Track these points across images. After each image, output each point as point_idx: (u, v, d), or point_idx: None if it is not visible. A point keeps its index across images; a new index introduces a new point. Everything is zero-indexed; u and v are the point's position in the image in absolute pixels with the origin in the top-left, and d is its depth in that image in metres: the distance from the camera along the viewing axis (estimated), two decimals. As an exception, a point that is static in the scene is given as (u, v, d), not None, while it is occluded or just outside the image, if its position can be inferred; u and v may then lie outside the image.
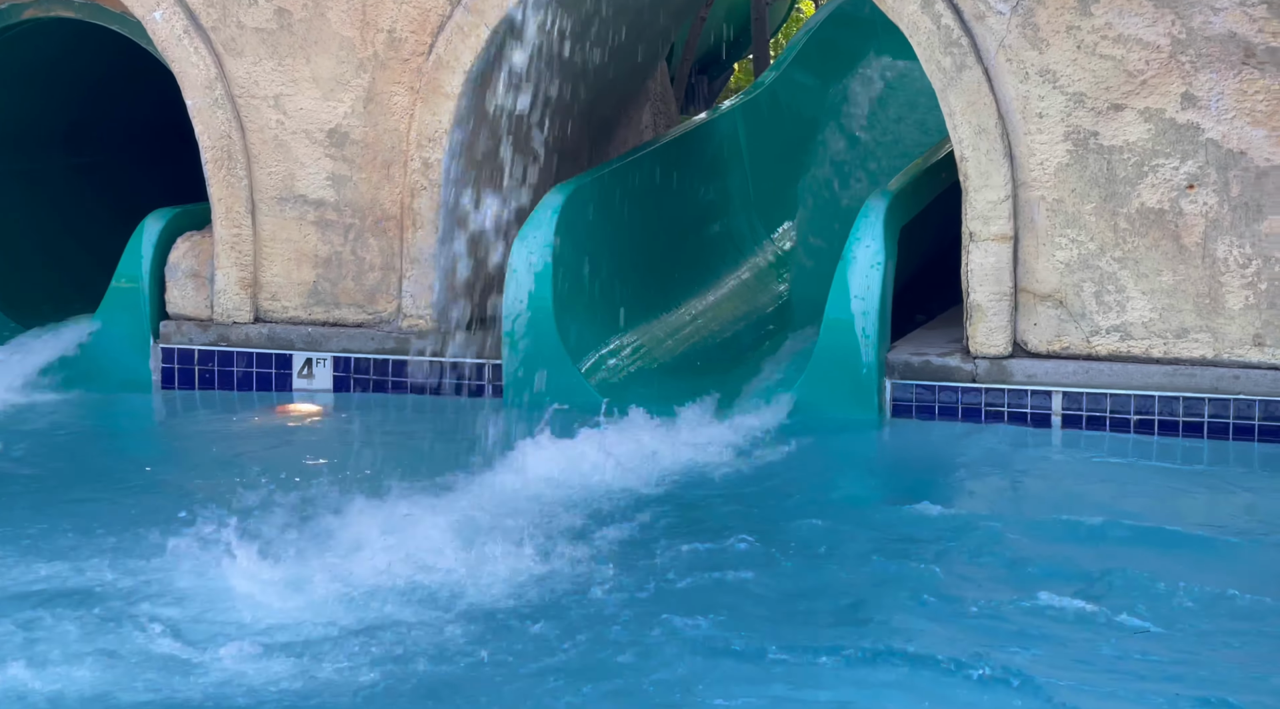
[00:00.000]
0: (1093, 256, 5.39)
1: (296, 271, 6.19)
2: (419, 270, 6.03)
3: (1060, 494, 4.86)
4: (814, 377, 5.54)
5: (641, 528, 4.43)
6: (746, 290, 6.99)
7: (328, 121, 6.10)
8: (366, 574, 4.03)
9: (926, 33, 5.45)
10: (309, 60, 6.09)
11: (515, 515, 4.46)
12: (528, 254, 5.80)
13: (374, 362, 6.06)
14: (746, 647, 3.65)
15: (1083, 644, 3.69)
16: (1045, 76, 5.35)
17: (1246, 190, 5.25)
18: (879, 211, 5.58)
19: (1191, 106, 5.25)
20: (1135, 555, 4.24)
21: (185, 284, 6.27)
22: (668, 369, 6.18)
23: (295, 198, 6.17)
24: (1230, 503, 4.78)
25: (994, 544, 4.35)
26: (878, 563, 4.21)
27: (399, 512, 4.41)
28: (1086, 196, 5.37)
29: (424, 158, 6.00)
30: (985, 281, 5.45)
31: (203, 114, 6.17)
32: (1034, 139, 5.39)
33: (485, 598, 3.92)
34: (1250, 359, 5.28)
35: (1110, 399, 5.37)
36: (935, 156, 6.29)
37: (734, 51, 11.93)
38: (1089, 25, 5.30)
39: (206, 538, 4.20)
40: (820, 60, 7.64)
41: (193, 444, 5.63)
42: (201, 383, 6.21)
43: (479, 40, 5.91)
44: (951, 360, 5.51)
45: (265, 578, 3.98)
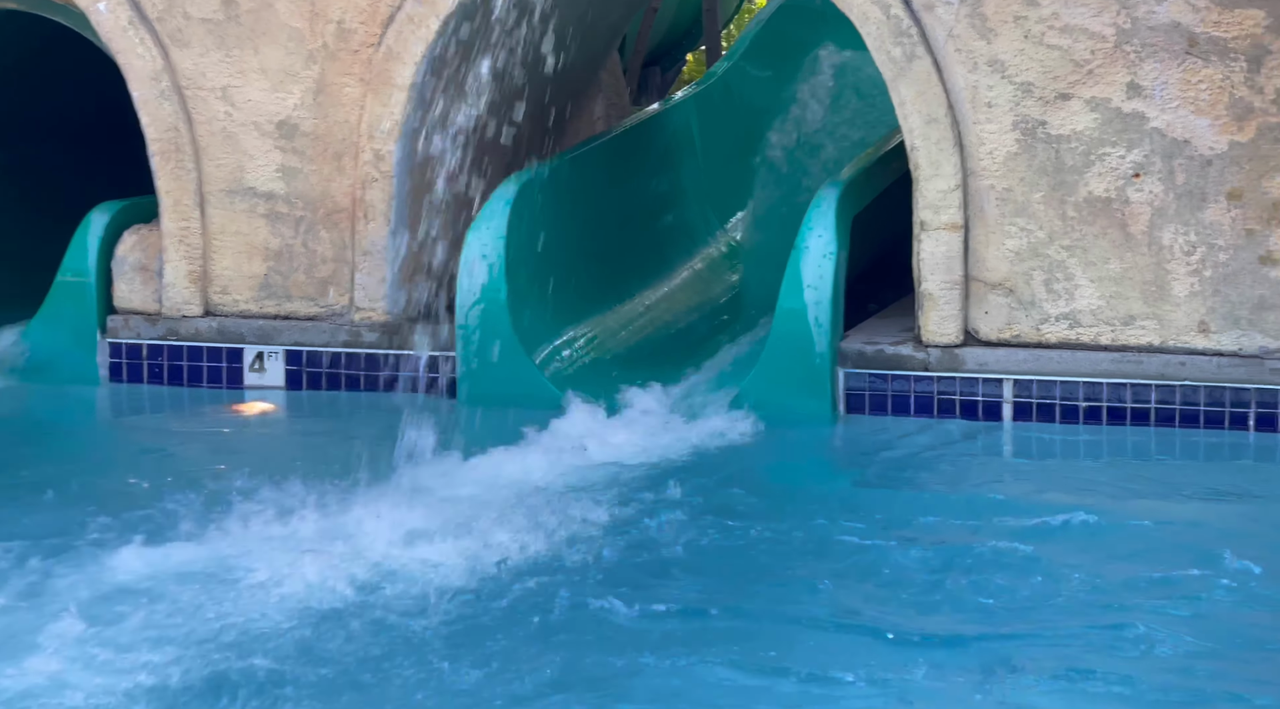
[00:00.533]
0: (1042, 245, 5.43)
1: (247, 264, 6.15)
2: (371, 262, 6.01)
3: (1008, 482, 4.90)
4: (767, 366, 5.56)
5: (586, 523, 4.41)
6: (700, 281, 7.00)
7: (277, 113, 6.07)
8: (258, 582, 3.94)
9: (876, 23, 5.47)
10: (257, 51, 6.05)
11: (459, 513, 4.44)
12: (481, 246, 5.79)
13: (326, 354, 6.04)
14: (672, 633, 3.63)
15: (1029, 628, 3.73)
16: (994, 66, 5.39)
17: (1191, 178, 5.30)
18: (831, 201, 5.61)
19: (1137, 96, 5.30)
20: (1080, 542, 4.28)
21: (133, 278, 6.23)
22: (621, 360, 6.19)
23: (245, 190, 6.13)
24: (1179, 489, 4.83)
25: (940, 531, 4.39)
26: (830, 554, 4.23)
27: (314, 513, 4.36)
28: (1035, 185, 5.41)
29: (375, 149, 5.98)
30: (936, 270, 5.49)
31: (149, 106, 6.12)
32: (983, 128, 5.43)
33: (419, 596, 3.89)
34: (1196, 345, 5.34)
35: (1060, 387, 5.41)
36: (886, 146, 6.32)
37: (686, 43, 11.93)
38: (1036, 15, 5.34)
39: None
40: (772, 51, 7.65)
41: (121, 439, 5.59)
42: (150, 377, 6.16)
43: (430, 31, 5.89)
44: (904, 349, 5.55)
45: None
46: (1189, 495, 4.75)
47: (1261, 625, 3.75)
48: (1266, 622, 3.77)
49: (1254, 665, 3.54)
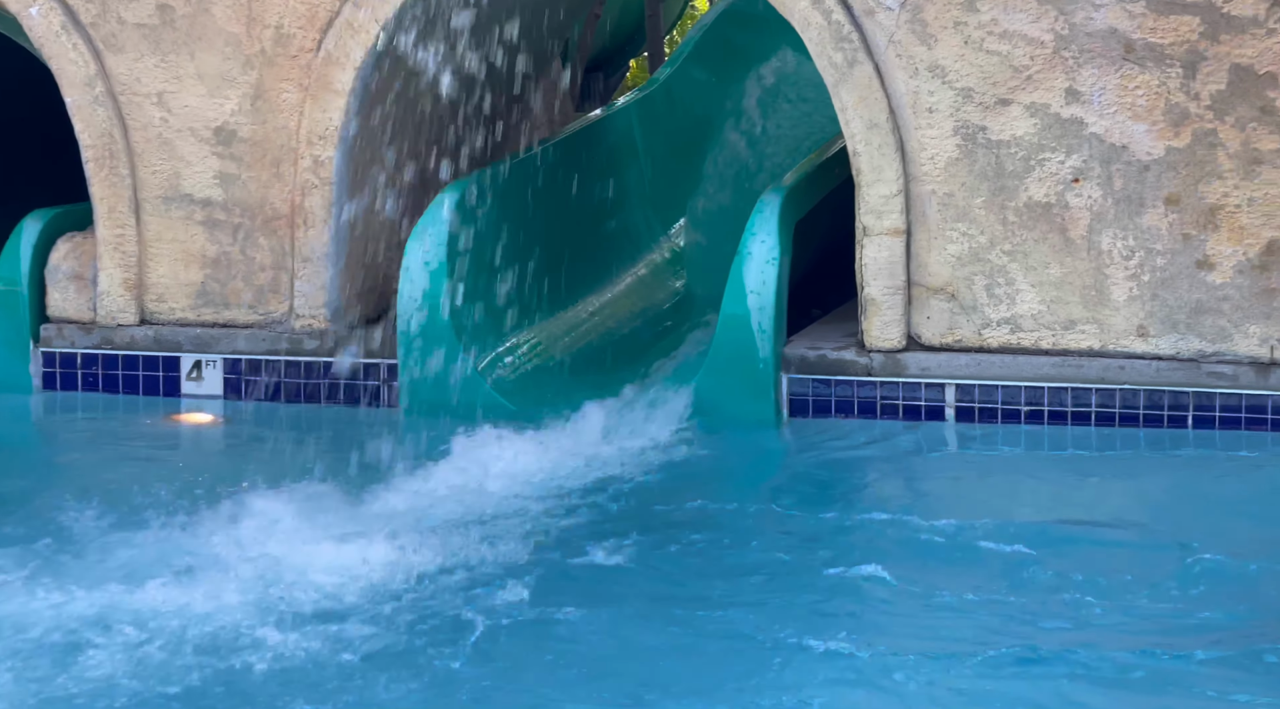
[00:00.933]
0: (983, 250, 5.45)
1: (184, 272, 6.08)
2: (311, 269, 5.95)
3: (951, 487, 4.92)
4: (711, 372, 5.55)
5: (527, 532, 4.38)
6: (643, 287, 6.99)
7: (214, 119, 6.00)
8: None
9: (818, 28, 5.48)
10: (193, 57, 5.98)
11: (394, 523, 4.39)
12: (422, 252, 5.75)
13: (265, 363, 5.97)
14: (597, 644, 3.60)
15: (966, 629, 3.74)
16: (934, 72, 5.41)
17: (1129, 183, 5.34)
18: (774, 207, 5.61)
19: (1075, 101, 5.33)
20: (1021, 549, 4.30)
21: (67, 286, 6.14)
22: (565, 366, 6.16)
23: (181, 197, 6.06)
24: (1120, 493, 4.86)
25: (882, 539, 4.39)
26: (774, 557, 4.22)
27: (233, 526, 4.30)
28: (976, 190, 5.44)
29: (315, 156, 5.92)
30: (879, 275, 5.50)
31: (83, 112, 6.04)
32: (924, 133, 5.44)
33: (351, 606, 3.83)
34: (1135, 349, 5.37)
35: (1001, 391, 5.43)
36: (829, 152, 6.33)
37: (629, 49, 11.92)
38: (975, 21, 5.36)
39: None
40: (715, 56, 7.65)
41: (38, 450, 5.51)
42: (85, 386, 6.08)
43: (369, 36, 5.84)
44: (847, 354, 5.55)
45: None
46: (1124, 501, 4.77)
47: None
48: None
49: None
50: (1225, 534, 4.36)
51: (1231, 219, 5.26)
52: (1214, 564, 4.13)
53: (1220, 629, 3.71)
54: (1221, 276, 5.29)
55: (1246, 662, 3.52)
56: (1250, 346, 5.28)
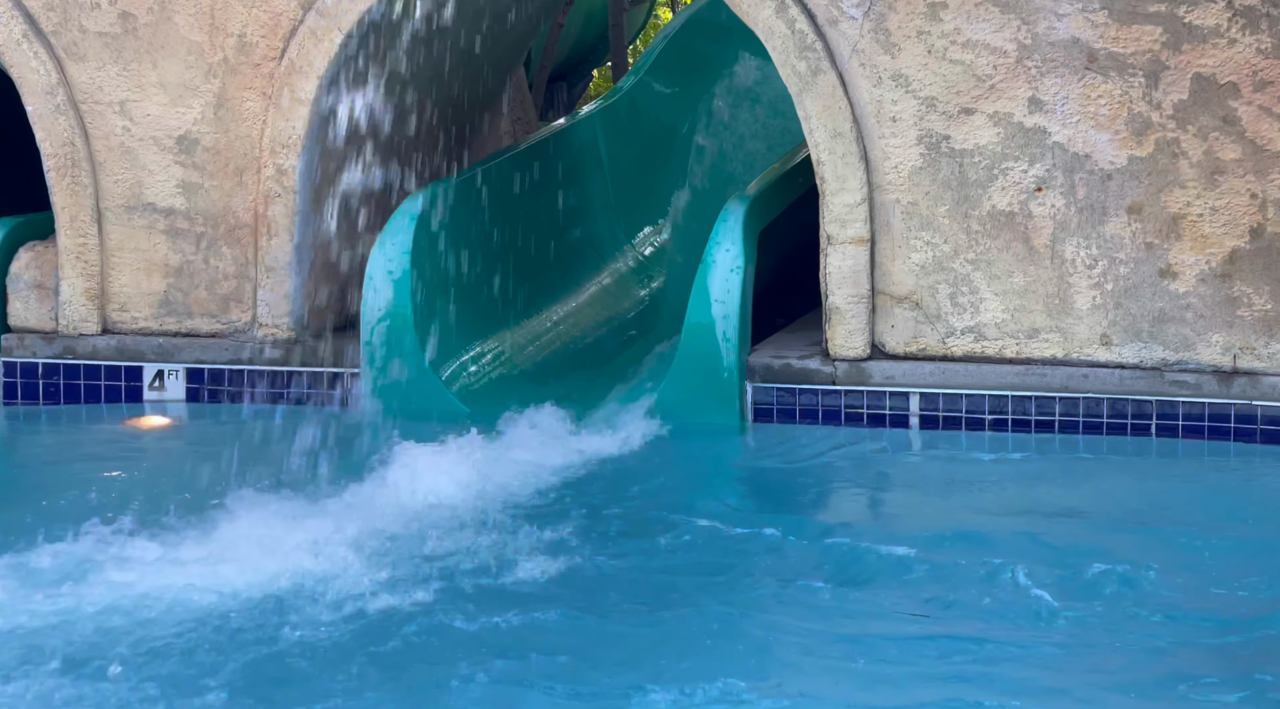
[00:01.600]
0: (947, 259, 5.47)
1: (146, 281, 6.04)
2: (275, 278, 5.92)
3: (911, 496, 4.93)
4: (675, 381, 5.55)
5: (486, 544, 4.35)
6: (608, 296, 6.98)
7: (176, 128, 5.96)
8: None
9: (781, 38, 5.49)
10: (155, 65, 5.94)
11: (347, 529, 4.38)
12: (385, 261, 5.73)
13: (228, 372, 5.94)
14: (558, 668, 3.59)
15: (934, 640, 3.75)
16: (898, 81, 5.43)
17: (1092, 192, 5.37)
18: (738, 216, 5.61)
19: (1038, 110, 5.37)
20: (980, 557, 4.31)
21: (28, 295, 6.09)
22: (529, 376, 6.15)
23: (144, 206, 6.02)
24: (1082, 495, 4.88)
25: (848, 549, 4.40)
26: (723, 561, 4.22)
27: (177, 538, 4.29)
28: (940, 199, 5.46)
29: (278, 164, 5.89)
30: (843, 284, 5.51)
31: (44, 121, 5.99)
32: (888, 143, 5.46)
33: (298, 618, 3.82)
34: (1098, 358, 5.41)
35: (966, 399, 5.45)
36: (792, 161, 6.35)
37: (592, 59, 11.94)
38: (938, 30, 5.39)
39: None
40: (678, 66, 7.67)
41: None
42: (46, 397, 6.03)
43: (332, 45, 5.82)
44: (811, 363, 5.56)
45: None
46: (1085, 507, 4.79)
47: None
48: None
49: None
50: (1187, 545, 4.39)
51: (1194, 228, 5.30)
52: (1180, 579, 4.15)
53: (1185, 642, 3.73)
54: (1184, 285, 5.33)
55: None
56: (1213, 355, 5.32)
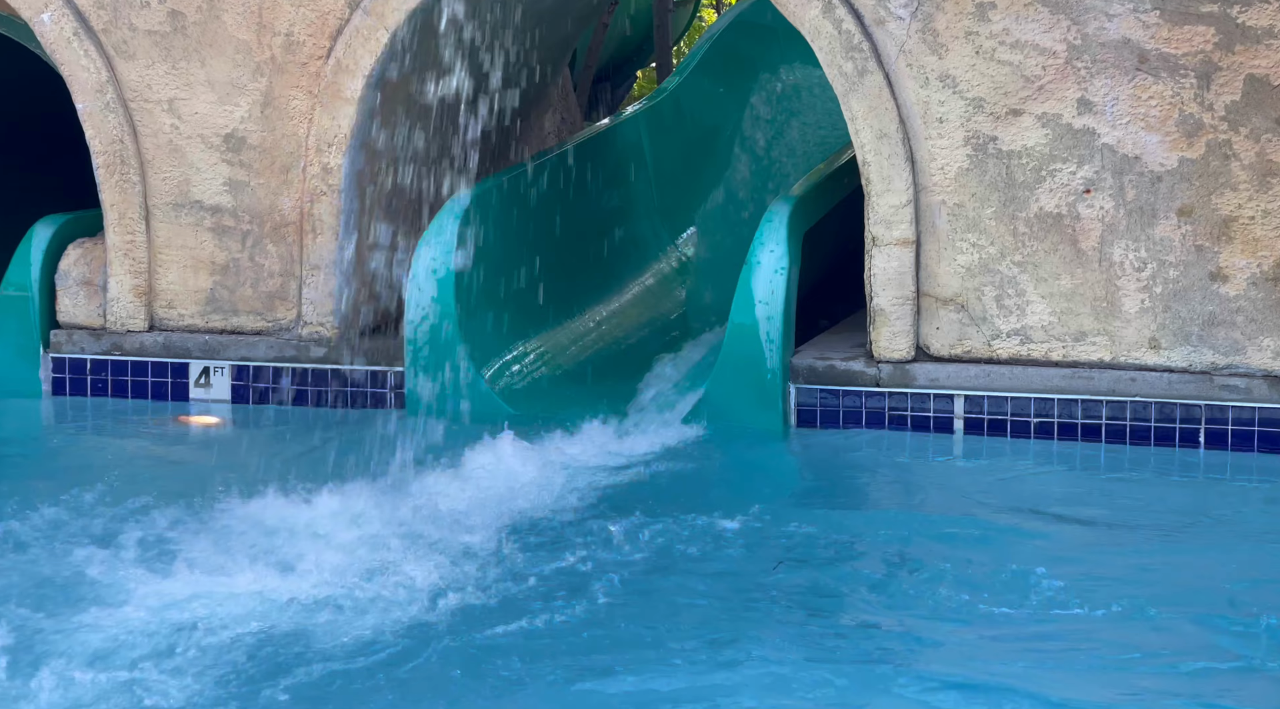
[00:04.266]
0: (993, 261, 5.43)
1: (193, 279, 6.07)
2: (319, 277, 5.94)
3: (961, 498, 4.89)
4: (719, 382, 5.54)
5: (533, 543, 4.35)
6: (650, 296, 6.98)
7: (224, 126, 6.00)
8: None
9: (828, 38, 5.47)
10: (204, 64, 5.98)
11: (405, 534, 4.38)
12: (430, 260, 5.74)
13: (273, 369, 5.96)
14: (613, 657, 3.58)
15: (987, 644, 3.72)
16: (945, 81, 5.40)
17: (1141, 195, 5.32)
18: (782, 216, 5.59)
19: (1088, 112, 5.32)
20: (1035, 558, 4.28)
21: (77, 292, 6.14)
22: (571, 376, 6.15)
23: (191, 204, 6.05)
24: (1129, 500, 4.84)
25: (896, 551, 4.37)
26: (784, 573, 4.20)
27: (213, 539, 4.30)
28: (986, 201, 5.42)
29: (324, 163, 5.92)
30: (888, 286, 5.48)
31: (94, 118, 6.04)
32: (935, 144, 5.43)
33: (363, 621, 3.82)
34: (1146, 362, 5.35)
35: (1011, 402, 5.41)
36: (838, 162, 6.32)
37: (637, 59, 11.93)
38: (987, 31, 5.35)
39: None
40: (723, 67, 7.65)
41: (53, 454, 5.50)
42: (94, 392, 6.07)
43: (378, 44, 5.84)
44: (855, 365, 5.53)
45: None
46: (1128, 516, 4.75)
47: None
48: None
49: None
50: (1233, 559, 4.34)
51: (1245, 231, 5.24)
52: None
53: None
54: (1235, 289, 5.27)
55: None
56: (1264, 359, 5.26)
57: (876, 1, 5.41)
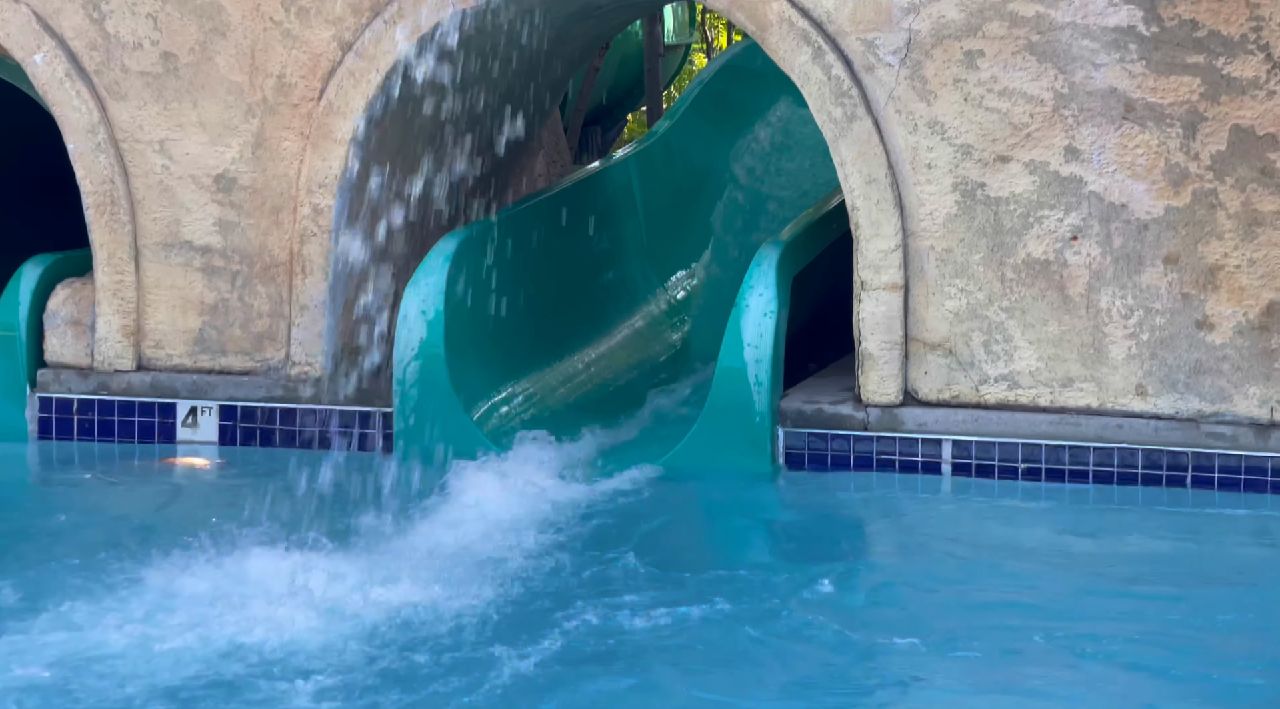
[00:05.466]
0: (981, 306, 5.46)
1: (182, 318, 6.07)
2: (309, 317, 5.95)
3: (943, 547, 4.89)
4: (707, 425, 5.54)
5: (514, 585, 4.32)
6: (639, 338, 6.99)
7: (215, 167, 6.01)
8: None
9: (817, 83, 5.51)
10: (196, 105, 6.00)
11: (387, 566, 4.36)
12: (420, 300, 5.74)
13: (261, 410, 5.95)
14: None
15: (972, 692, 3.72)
16: (934, 128, 5.43)
17: (1128, 242, 5.35)
18: (771, 260, 5.61)
19: (1075, 159, 5.35)
20: (1025, 609, 4.27)
21: (65, 332, 6.13)
22: (560, 417, 6.14)
23: (181, 244, 6.06)
24: (1116, 551, 4.84)
25: (884, 596, 4.36)
26: (766, 613, 4.19)
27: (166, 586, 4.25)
28: (975, 246, 5.45)
29: (314, 204, 5.93)
30: (876, 330, 5.50)
31: (84, 158, 6.05)
32: (923, 189, 5.46)
33: (328, 662, 3.80)
34: (1133, 408, 5.37)
35: (999, 448, 5.42)
36: (827, 206, 6.35)
37: (627, 102, 11.99)
38: (975, 78, 5.39)
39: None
40: (713, 111, 7.69)
41: (33, 494, 5.48)
42: (81, 433, 6.05)
43: (370, 86, 5.87)
44: (844, 408, 5.54)
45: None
46: (1116, 559, 4.75)
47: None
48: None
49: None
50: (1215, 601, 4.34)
51: (1231, 279, 5.27)
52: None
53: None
54: (1221, 337, 5.29)
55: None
56: (1250, 408, 5.28)
57: (866, 48, 5.45)
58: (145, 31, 5.99)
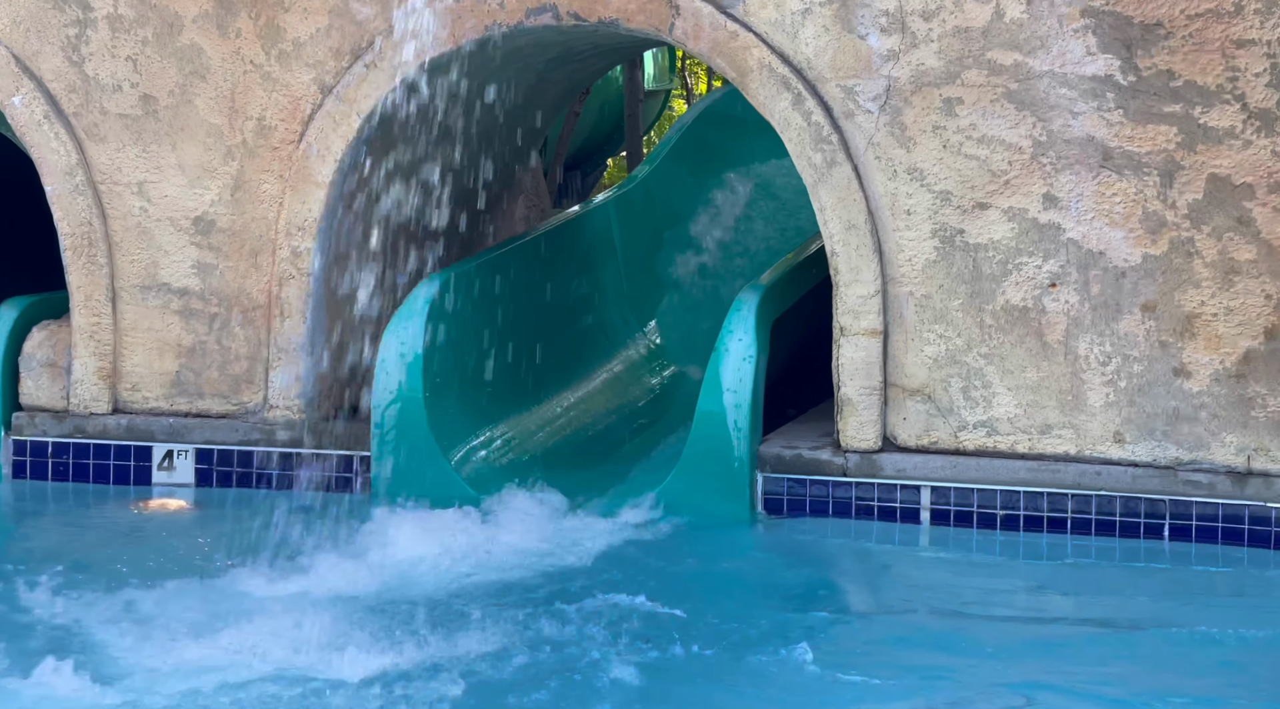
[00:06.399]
0: (960, 352, 5.46)
1: (159, 361, 6.04)
2: (287, 360, 5.93)
3: (921, 595, 4.87)
4: (686, 469, 5.53)
5: (486, 636, 4.29)
6: (618, 383, 6.98)
7: (194, 209, 6.00)
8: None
9: (797, 129, 5.53)
10: (175, 147, 5.99)
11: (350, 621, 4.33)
12: (398, 344, 5.73)
13: (238, 453, 5.92)
14: None
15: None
16: (913, 174, 5.45)
17: (1106, 289, 5.37)
18: (751, 305, 5.62)
19: (1053, 207, 5.38)
20: (1002, 659, 4.25)
21: (40, 374, 6.09)
22: (539, 461, 6.12)
23: (159, 286, 6.04)
24: (1095, 601, 4.83)
25: (863, 642, 4.34)
26: (745, 662, 4.16)
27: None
28: (954, 293, 5.46)
29: (293, 246, 5.92)
30: (856, 376, 5.50)
31: (62, 201, 6.03)
32: (902, 235, 5.47)
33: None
34: (1111, 455, 5.37)
35: (977, 494, 5.42)
36: (806, 251, 6.37)
37: (607, 148, 12.03)
38: (954, 126, 5.42)
39: None
40: (693, 156, 7.72)
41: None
42: (55, 476, 6.01)
43: (350, 129, 5.87)
44: (822, 454, 5.53)
45: None
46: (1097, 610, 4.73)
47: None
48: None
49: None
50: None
51: (1208, 328, 5.29)
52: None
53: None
54: (1198, 385, 5.31)
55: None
56: (1227, 456, 5.29)
57: (845, 94, 5.48)
58: (125, 74, 5.99)
